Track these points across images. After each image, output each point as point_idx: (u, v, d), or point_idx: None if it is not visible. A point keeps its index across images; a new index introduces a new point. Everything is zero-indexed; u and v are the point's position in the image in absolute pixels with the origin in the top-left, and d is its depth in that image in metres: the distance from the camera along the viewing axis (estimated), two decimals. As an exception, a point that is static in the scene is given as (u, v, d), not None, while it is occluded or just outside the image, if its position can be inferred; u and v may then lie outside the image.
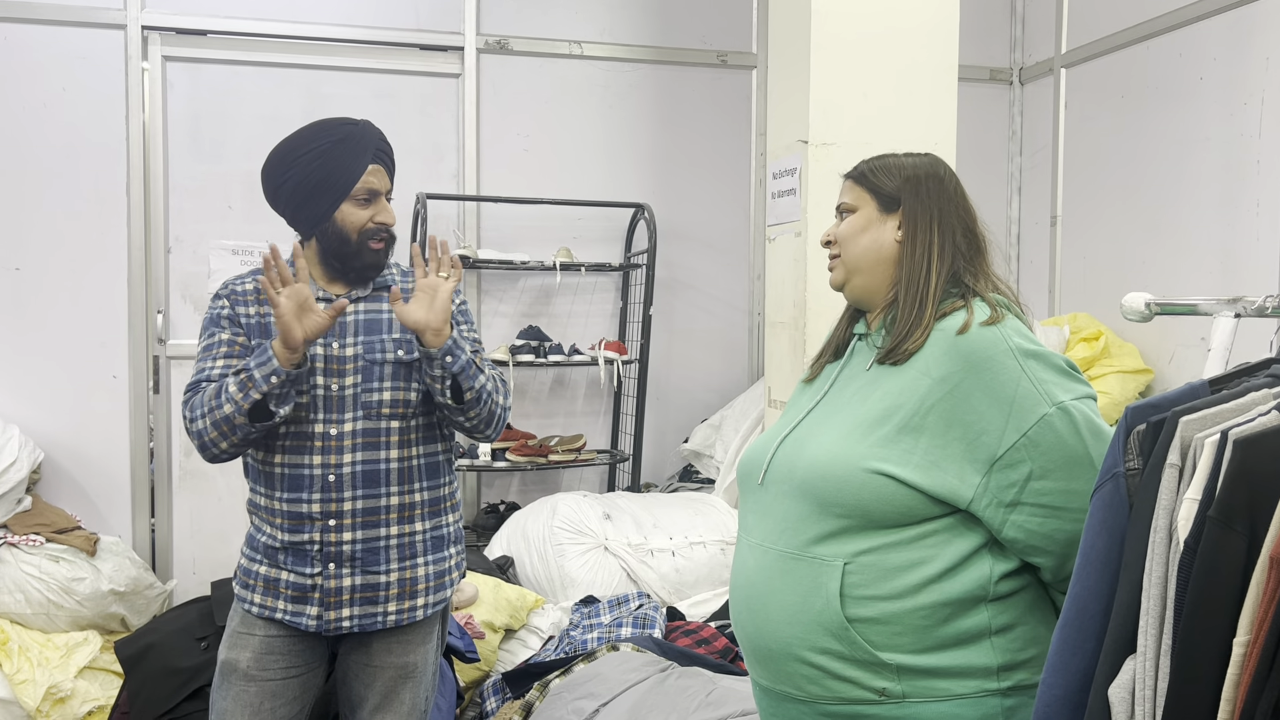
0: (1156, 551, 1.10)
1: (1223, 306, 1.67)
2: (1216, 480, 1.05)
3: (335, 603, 2.00)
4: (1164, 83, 3.80)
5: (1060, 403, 1.40)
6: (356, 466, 2.00)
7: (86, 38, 3.79)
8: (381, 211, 2.04)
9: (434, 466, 2.10)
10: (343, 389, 2.01)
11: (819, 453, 1.49)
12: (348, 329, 2.05)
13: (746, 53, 4.44)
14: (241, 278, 2.14)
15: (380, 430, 2.02)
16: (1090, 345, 3.82)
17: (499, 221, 4.21)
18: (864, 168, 1.64)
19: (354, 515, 2.00)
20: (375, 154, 2.03)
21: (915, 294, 1.52)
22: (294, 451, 2.01)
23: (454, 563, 2.14)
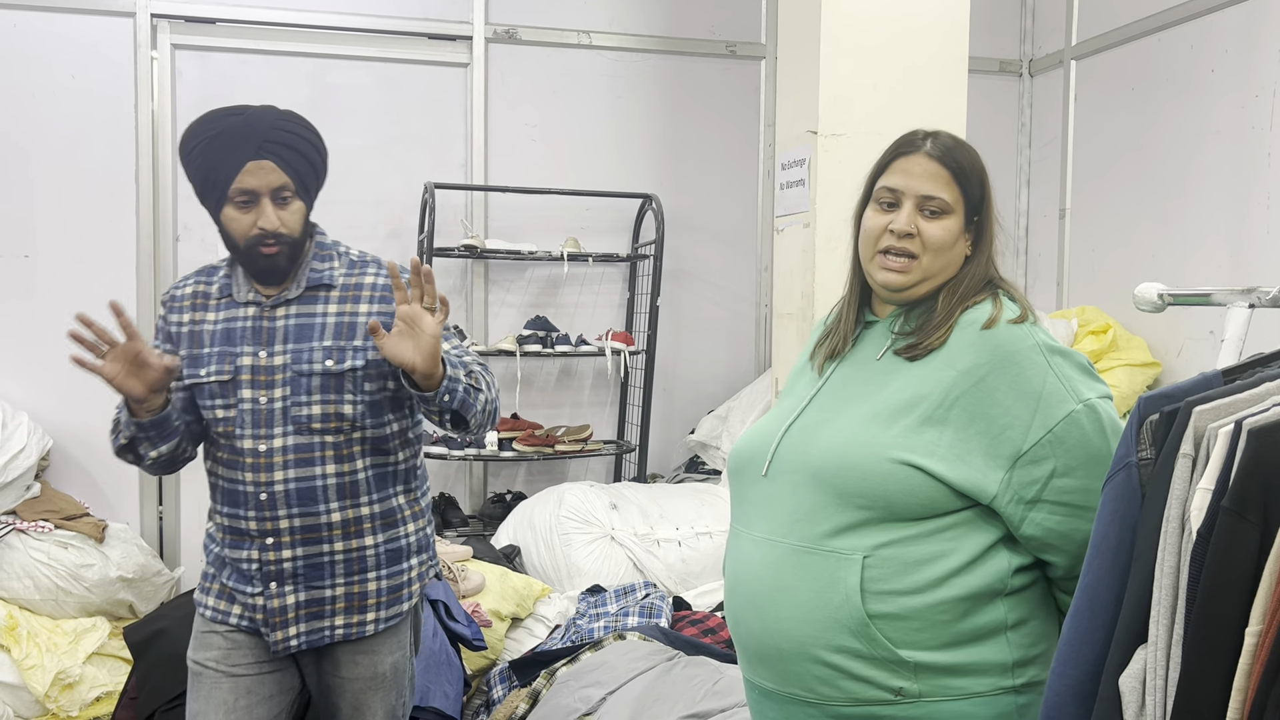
0: (1169, 541, 1.09)
1: (1236, 297, 1.66)
2: (1230, 470, 1.05)
3: (280, 622, 1.89)
4: (1175, 75, 3.78)
5: (1087, 400, 1.39)
6: (289, 484, 1.86)
7: (96, 25, 3.79)
8: (263, 216, 1.82)
9: (384, 477, 1.95)
10: (271, 402, 1.87)
11: (839, 441, 1.44)
12: (276, 335, 1.89)
13: (755, 43, 4.43)
14: (186, 279, 2.02)
15: (313, 445, 1.87)
16: (1098, 338, 3.81)
17: (507, 211, 4.21)
18: (962, 162, 1.49)
19: (292, 533, 1.88)
20: (260, 148, 1.81)
21: (957, 299, 1.48)
22: (228, 466, 1.90)
23: (415, 574, 2.00)
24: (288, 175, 1.84)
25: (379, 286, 1.94)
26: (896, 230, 1.47)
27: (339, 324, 1.90)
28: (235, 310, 1.92)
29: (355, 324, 1.90)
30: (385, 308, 1.91)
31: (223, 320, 1.93)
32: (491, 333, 4.22)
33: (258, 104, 1.90)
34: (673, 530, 3.55)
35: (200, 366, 1.91)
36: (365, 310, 1.91)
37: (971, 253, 1.51)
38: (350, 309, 1.91)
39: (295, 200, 1.87)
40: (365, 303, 1.92)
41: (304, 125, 1.90)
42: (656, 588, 3.28)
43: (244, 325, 1.90)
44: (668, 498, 3.73)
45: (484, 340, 4.17)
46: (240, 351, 1.89)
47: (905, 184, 1.48)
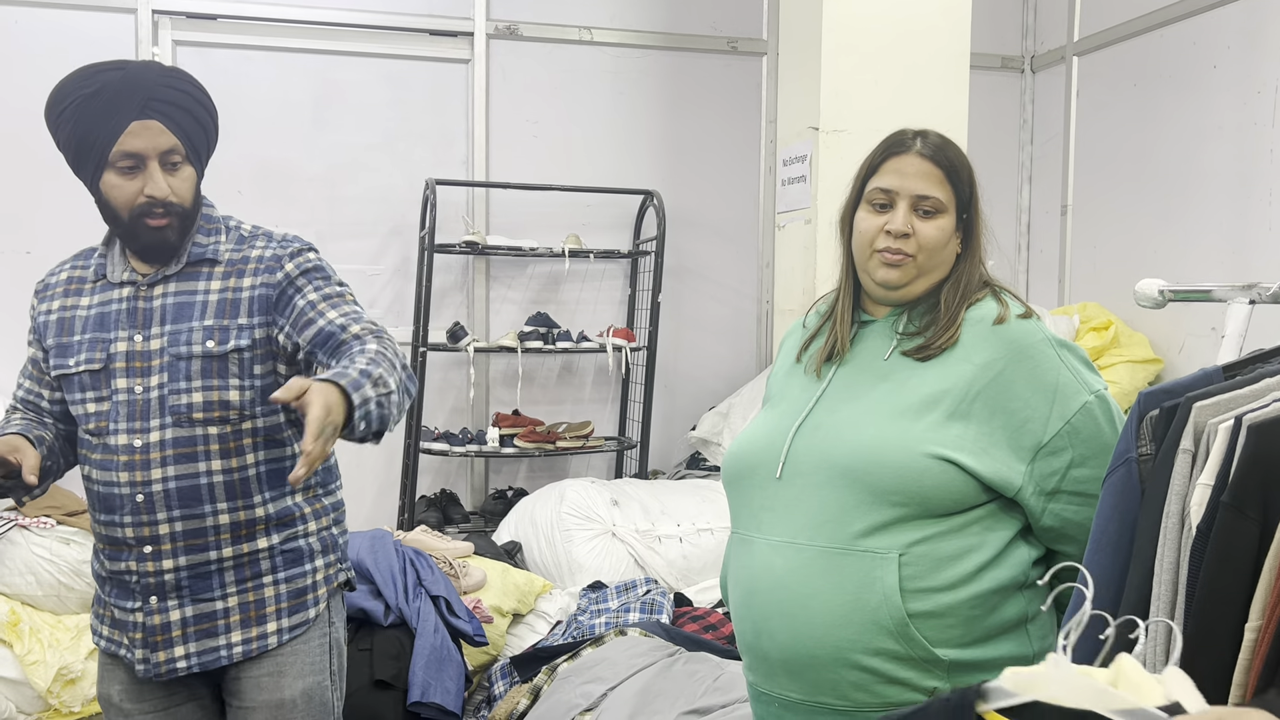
0: (1168, 537, 1.10)
1: (1237, 293, 1.66)
2: (1230, 466, 1.05)
3: (163, 641, 1.67)
4: (1177, 71, 3.78)
5: (1097, 391, 1.44)
6: (169, 483, 1.65)
7: (97, 21, 3.79)
8: (150, 182, 1.62)
9: (280, 473, 1.73)
10: (147, 391, 1.66)
11: (867, 438, 1.42)
12: (153, 317, 1.69)
13: (757, 39, 4.43)
14: (61, 265, 1.82)
15: (195, 439, 1.66)
16: (1100, 335, 3.81)
17: (508, 208, 4.21)
18: (953, 161, 1.50)
19: (173, 539, 1.66)
20: (145, 106, 1.61)
21: (959, 298, 1.49)
22: (101, 467, 1.68)
23: (320, 577, 1.76)
24: (177, 137, 1.64)
25: (265, 259, 1.73)
26: (893, 230, 1.47)
27: (221, 301, 1.70)
28: (110, 293, 1.72)
29: (239, 300, 1.70)
30: (268, 279, 1.71)
31: (96, 305, 1.73)
32: (493, 329, 4.22)
33: (137, 60, 1.71)
34: (674, 526, 3.55)
35: (69, 356, 1.71)
36: (249, 284, 1.70)
37: (962, 250, 1.52)
38: (234, 285, 1.71)
39: (186, 165, 1.67)
40: (249, 275, 1.71)
41: (193, 83, 1.70)
42: (658, 584, 3.28)
43: (119, 308, 1.70)
44: (669, 494, 3.74)
45: (485, 337, 4.17)
46: (114, 337, 1.68)
47: (899, 184, 1.48)
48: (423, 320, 3.89)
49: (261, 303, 1.70)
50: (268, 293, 1.70)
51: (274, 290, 1.70)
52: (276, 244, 1.75)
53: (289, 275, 1.71)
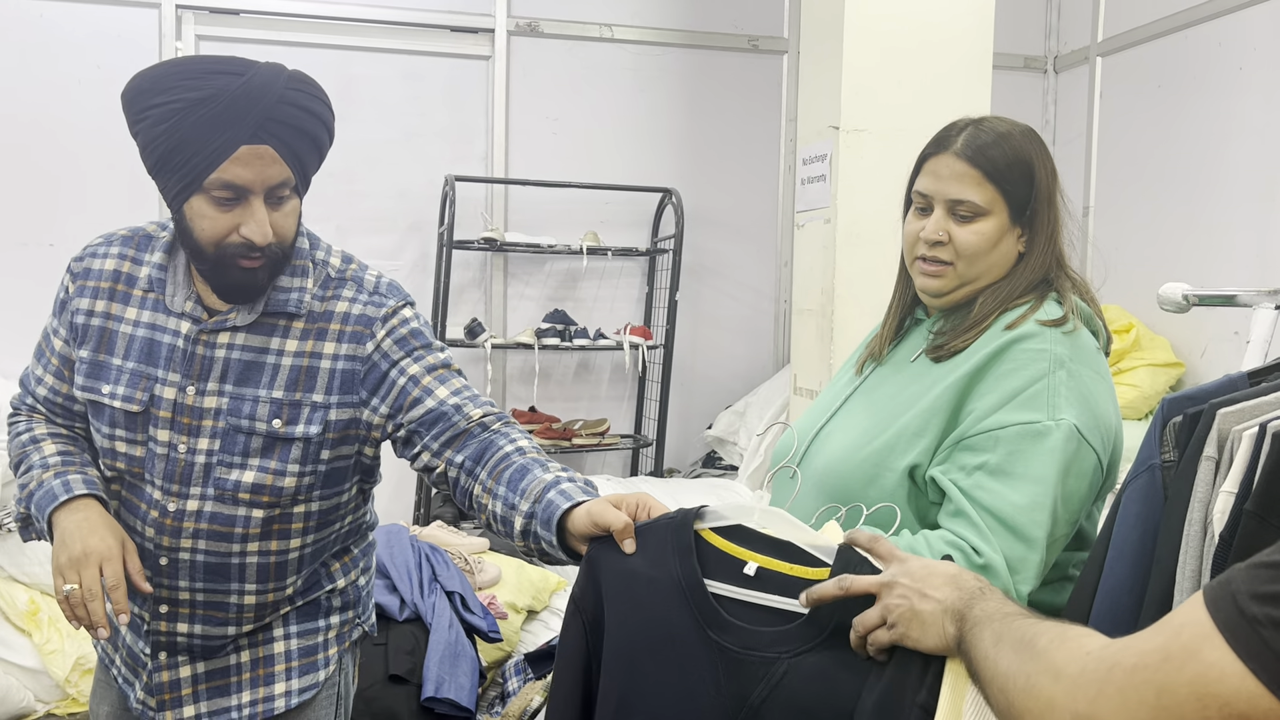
0: (1191, 545, 1.08)
1: (1263, 298, 1.64)
2: (1254, 474, 1.03)
3: (173, 699, 1.49)
4: (1202, 72, 3.74)
5: (1061, 420, 1.29)
6: (198, 555, 1.44)
7: (122, 16, 3.82)
8: (249, 221, 1.34)
9: (321, 551, 1.53)
10: (192, 454, 1.42)
11: (836, 445, 1.43)
12: (212, 369, 1.42)
13: (778, 37, 4.41)
14: (109, 243, 1.51)
15: (236, 519, 1.43)
16: (1121, 337, 3.78)
17: (526, 204, 4.21)
18: (996, 159, 1.38)
19: (192, 606, 1.47)
20: (260, 127, 1.31)
21: (998, 301, 1.40)
22: (126, 508, 1.48)
23: (333, 635, 1.56)
24: (290, 168, 1.36)
25: (352, 318, 1.45)
26: (926, 238, 1.40)
27: (295, 368, 1.43)
28: (164, 318, 1.45)
29: (316, 370, 1.43)
30: (355, 349, 1.44)
31: (144, 326, 1.45)
32: (510, 326, 4.23)
33: (264, 61, 1.40)
34: (689, 525, 3.54)
35: (103, 381, 1.45)
36: (331, 352, 1.44)
37: (1026, 249, 1.42)
38: (313, 349, 1.44)
39: (293, 199, 1.40)
40: (331, 340, 1.44)
41: (319, 98, 1.42)
42: (672, 582, 3.28)
43: (173, 344, 1.43)
44: (684, 492, 3.73)
45: (503, 333, 4.17)
46: (162, 379, 1.43)
47: (934, 188, 1.41)
48: (441, 316, 3.90)
49: (344, 378, 1.43)
50: (353, 367, 1.43)
51: (362, 365, 1.43)
52: (367, 298, 1.46)
53: (381, 348, 1.44)
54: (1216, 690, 0.65)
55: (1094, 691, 0.70)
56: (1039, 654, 0.77)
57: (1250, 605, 0.65)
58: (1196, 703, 0.65)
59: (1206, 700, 0.65)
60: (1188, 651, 0.67)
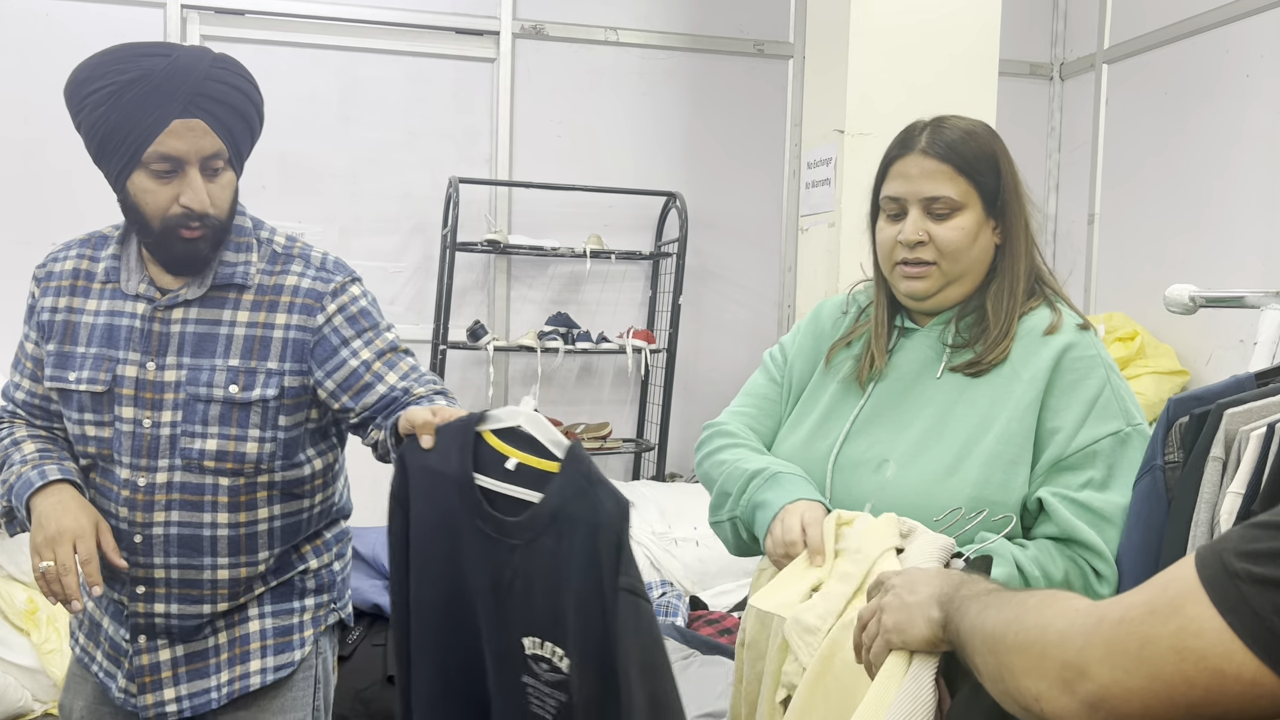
0: (1197, 545, 1.07)
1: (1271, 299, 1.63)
2: (1262, 474, 1.02)
3: (153, 682, 1.54)
4: (1209, 80, 3.73)
5: (1137, 425, 1.34)
6: (170, 529, 1.50)
7: (127, 16, 3.82)
8: (187, 189, 1.43)
9: (293, 528, 1.59)
10: (157, 427, 1.49)
11: (912, 487, 1.34)
12: (169, 344, 1.50)
13: (783, 42, 4.41)
14: (67, 248, 1.61)
15: (204, 487, 1.50)
16: (1126, 345, 3.76)
17: (530, 207, 4.20)
18: (965, 153, 1.39)
19: (168, 585, 1.52)
20: (190, 102, 1.41)
21: (1007, 305, 1.39)
22: (100, 493, 1.54)
23: (308, 617, 1.61)
24: (222, 139, 1.45)
25: (301, 291, 1.54)
26: (905, 241, 1.39)
27: (249, 337, 1.51)
28: (121, 303, 1.53)
29: (269, 339, 1.52)
30: (305, 320, 1.52)
31: (104, 314, 1.54)
32: (513, 329, 4.22)
33: (185, 45, 1.53)
34: (690, 529, 3.53)
35: (69, 369, 1.53)
36: (283, 322, 1.52)
37: (1002, 241, 1.42)
38: (264, 319, 1.52)
39: (227, 171, 1.48)
40: (283, 311, 1.53)
41: (244, 75, 1.51)
42: (673, 586, 3.26)
43: (130, 325, 1.52)
44: (686, 497, 3.72)
45: (505, 336, 4.16)
46: (122, 358, 1.51)
47: (906, 189, 1.39)
48: (443, 318, 3.89)
49: (296, 347, 1.52)
50: (304, 337, 1.52)
51: (312, 336, 1.52)
52: (315, 273, 1.56)
53: (331, 322, 1.53)
54: (1194, 644, 0.66)
55: (1081, 642, 0.72)
56: (1028, 611, 0.80)
57: (1234, 561, 0.66)
58: (1175, 655, 0.67)
59: (1185, 654, 0.67)
60: (1172, 606, 0.68)
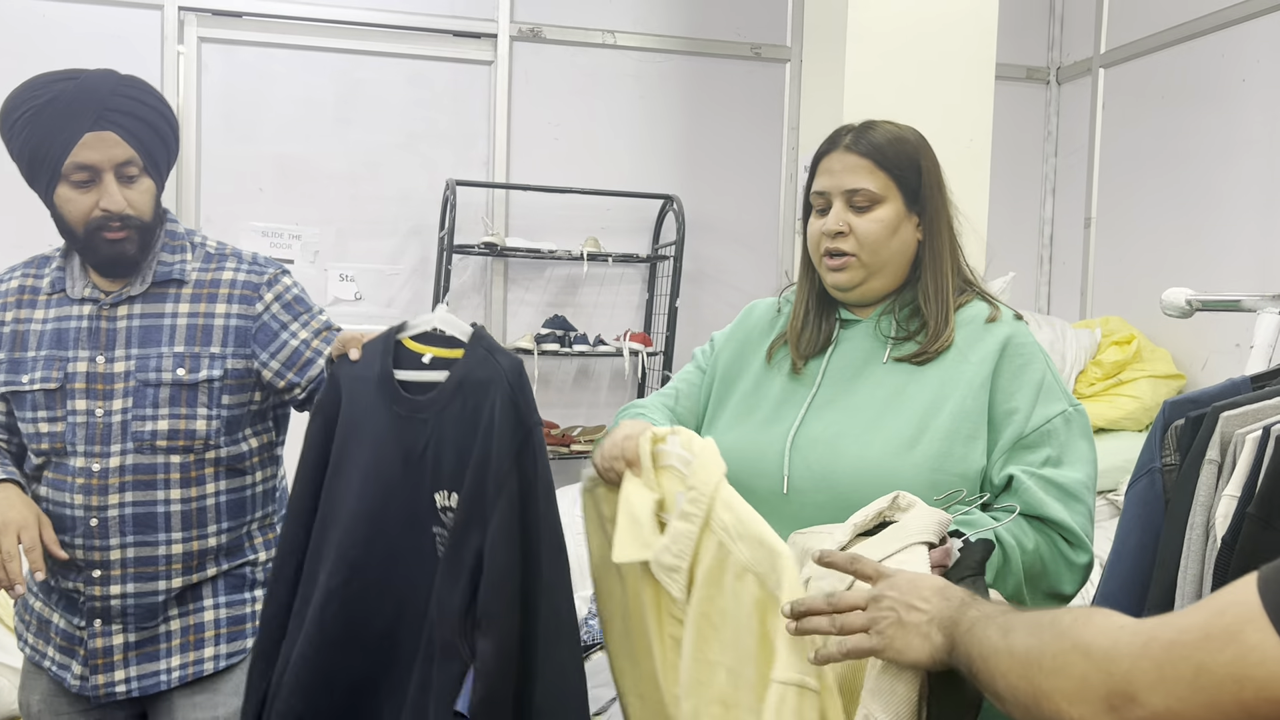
0: (1193, 549, 1.07)
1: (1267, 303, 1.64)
2: (1257, 477, 1.02)
3: (105, 665, 1.65)
4: (1205, 84, 3.74)
5: (1076, 404, 1.43)
6: (125, 509, 1.63)
7: (124, 17, 3.82)
8: (104, 195, 1.58)
9: (239, 504, 1.72)
10: (109, 415, 1.62)
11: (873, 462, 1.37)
12: (117, 338, 1.64)
13: (780, 45, 4.41)
14: (11, 271, 1.75)
15: (156, 467, 1.64)
16: (1122, 349, 3.77)
17: (527, 210, 4.20)
18: (886, 149, 1.45)
19: (124, 565, 1.63)
20: (99, 117, 1.57)
21: (941, 299, 1.46)
22: (55, 487, 1.65)
23: (259, 606, 1.69)
24: (134, 148, 1.60)
25: (238, 284, 1.71)
26: (826, 231, 1.45)
27: (191, 326, 1.67)
28: (68, 308, 1.68)
29: (211, 327, 1.67)
30: (245, 309, 1.69)
31: (53, 320, 1.68)
32: (509, 331, 4.22)
33: (94, 68, 1.67)
34: (687, 533, 3.53)
35: (21, 373, 1.66)
36: (223, 311, 1.69)
37: (925, 237, 1.48)
38: (205, 309, 1.68)
39: (144, 178, 1.63)
40: (222, 302, 1.69)
41: (150, 92, 1.68)
42: (669, 590, 3.26)
43: (78, 325, 1.66)
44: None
45: (502, 338, 4.16)
46: (72, 356, 1.64)
47: (830, 183, 1.47)
48: (440, 320, 3.88)
49: (238, 334, 1.68)
50: (245, 324, 1.69)
51: (252, 323, 1.69)
52: (249, 268, 1.73)
53: (270, 309, 1.70)
54: (1255, 674, 0.64)
55: (1128, 665, 0.69)
56: (1064, 632, 0.76)
57: None
58: (1234, 684, 0.64)
59: (1244, 683, 0.64)
60: (1229, 633, 0.65)
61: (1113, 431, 3.65)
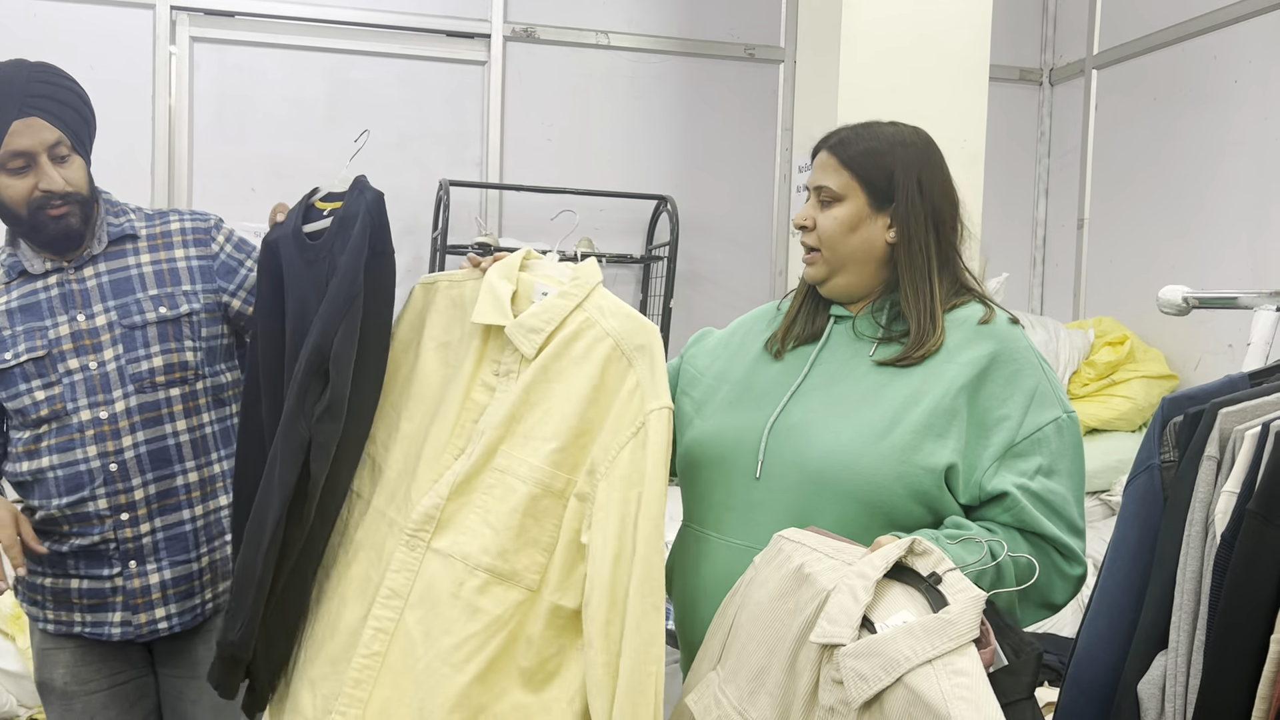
0: (1192, 545, 1.07)
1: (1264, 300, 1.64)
2: (1256, 473, 1.02)
3: (145, 604, 1.76)
4: (1198, 86, 3.75)
5: (1070, 411, 1.41)
6: (140, 449, 1.74)
7: (116, 16, 3.80)
8: (42, 176, 1.67)
9: (227, 433, 1.86)
10: (103, 365, 1.73)
11: (844, 444, 1.38)
12: (91, 296, 1.75)
13: (774, 46, 4.41)
14: None
15: (159, 403, 1.76)
16: (1115, 349, 3.77)
17: (521, 210, 4.19)
18: (852, 148, 1.47)
19: (148, 503, 1.75)
20: (24, 105, 1.65)
21: (923, 304, 1.44)
22: (62, 449, 1.72)
23: None
24: (61, 130, 1.69)
25: (188, 230, 1.85)
26: (794, 222, 1.51)
27: (159, 272, 1.80)
28: (32, 284, 1.76)
29: (176, 270, 1.81)
30: (202, 250, 1.84)
31: (18, 299, 1.76)
32: (503, 332, 4.21)
33: (2, 61, 1.74)
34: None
35: (3, 351, 1.73)
36: (182, 255, 1.83)
37: (898, 239, 1.46)
38: (165, 256, 1.82)
39: (74, 156, 1.72)
40: (179, 248, 1.83)
41: (63, 74, 1.75)
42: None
43: (48, 295, 1.75)
44: (676, 500, 3.70)
45: (496, 339, 4.15)
46: (50, 323, 1.73)
47: (810, 180, 1.51)
48: (433, 321, 3.87)
49: (202, 272, 1.82)
50: (205, 263, 1.83)
51: (212, 261, 1.84)
52: (190, 217, 1.87)
53: (225, 249, 1.86)
54: None
55: None
56: None
57: None
58: None
59: None
60: None
61: (1106, 432, 3.66)
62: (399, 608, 1.41)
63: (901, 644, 1.03)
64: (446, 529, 1.41)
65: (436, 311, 1.60)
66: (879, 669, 1.03)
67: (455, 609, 1.37)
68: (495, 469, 1.41)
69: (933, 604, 1.08)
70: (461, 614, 1.37)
